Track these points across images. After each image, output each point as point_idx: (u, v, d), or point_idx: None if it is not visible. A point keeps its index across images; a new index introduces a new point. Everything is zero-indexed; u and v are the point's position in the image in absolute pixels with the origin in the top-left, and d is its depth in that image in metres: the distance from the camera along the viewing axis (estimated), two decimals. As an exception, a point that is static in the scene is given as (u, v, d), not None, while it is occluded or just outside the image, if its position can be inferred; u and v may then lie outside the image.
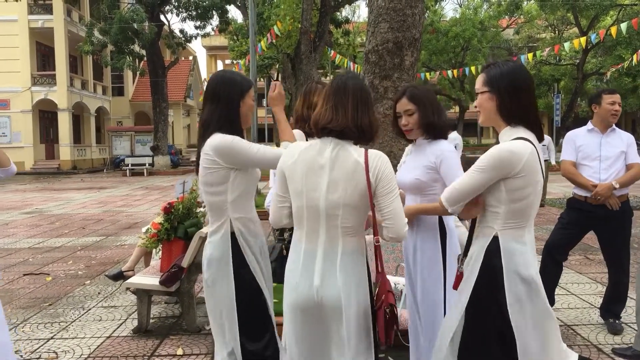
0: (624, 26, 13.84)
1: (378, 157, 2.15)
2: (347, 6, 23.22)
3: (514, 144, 2.16)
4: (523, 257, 2.19)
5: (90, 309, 5.10)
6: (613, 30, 14.41)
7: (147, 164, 26.89)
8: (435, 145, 2.79)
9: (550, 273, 4.38)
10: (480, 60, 32.31)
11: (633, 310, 4.57)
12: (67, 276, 6.42)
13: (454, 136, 12.15)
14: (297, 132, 3.26)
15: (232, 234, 2.57)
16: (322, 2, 16.33)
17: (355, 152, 2.14)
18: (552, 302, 4.44)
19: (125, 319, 4.79)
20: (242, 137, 2.63)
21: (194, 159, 24.73)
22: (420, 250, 2.80)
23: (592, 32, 24.77)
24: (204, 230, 4.34)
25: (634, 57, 16.73)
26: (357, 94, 2.20)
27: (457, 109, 37.50)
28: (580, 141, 4.31)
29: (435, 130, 2.82)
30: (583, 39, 15.49)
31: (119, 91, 37.31)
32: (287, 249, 2.99)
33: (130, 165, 26.61)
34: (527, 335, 2.17)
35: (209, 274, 2.62)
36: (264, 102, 41.05)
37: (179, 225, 4.53)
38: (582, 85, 29.49)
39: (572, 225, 4.36)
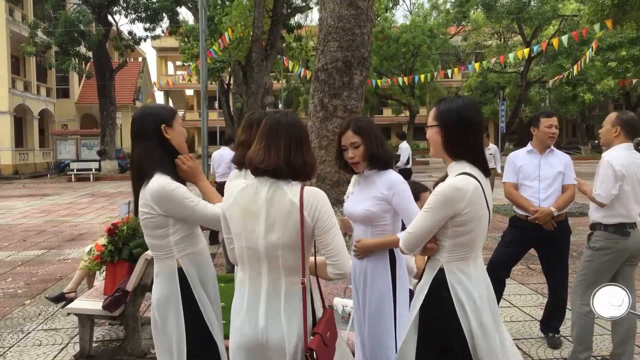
0: (564, 38, 14.40)
1: (313, 196, 2.14)
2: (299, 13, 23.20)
3: (457, 180, 2.21)
4: (468, 286, 2.24)
5: (29, 333, 4.91)
6: (555, 41, 14.96)
7: (93, 169, 26.13)
8: (385, 176, 2.82)
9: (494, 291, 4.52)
10: (430, 66, 32.92)
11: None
12: (5, 295, 6.16)
13: (405, 146, 12.40)
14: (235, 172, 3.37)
15: (180, 270, 2.51)
16: (273, 11, 16.28)
17: (290, 192, 2.14)
18: None
19: (67, 343, 4.64)
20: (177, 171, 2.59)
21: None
22: (370, 282, 2.83)
23: (535, 42, 25.65)
24: (150, 252, 4.24)
25: (575, 68, 17.40)
26: (290, 133, 2.19)
27: (407, 113, 38.09)
28: (520, 162, 4.47)
29: (380, 161, 2.85)
30: (526, 50, 16.02)
31: (64, 93, 36.13)
32: None
33: (75, 170, 25.79)
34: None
35: (159, 315, 2.53)
36: (215, 105, 40.54)
37: (124, 247, 4.42)
38: (526, 92, 30.43)
39: (515, 243, 4.51)
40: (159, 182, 2.42)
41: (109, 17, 26.42)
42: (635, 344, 3.87)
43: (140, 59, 43.63)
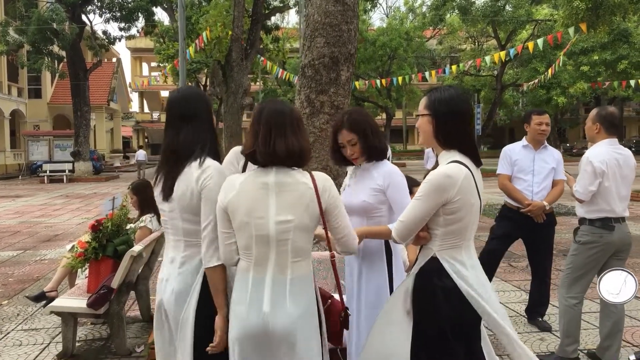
0: (540, 42, 14.65)
1: (325, 179, 2.20)
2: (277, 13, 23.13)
3: (448, 167, 2.23)
4: (463, 273, 2.25)
5: (8, 333, 4.77)
6: (530, 45, 15.20)
7: (67, 171, 25.64)
8: (381, 167, 2.82)
9: None
10: (406, 69, 33.19)
11: (556, 318, 4.83)
12: (-19, 296, 5.99)
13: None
14: (237, 149, 3.14)
15: None
16: (253, 10, 16.21)
17: (300, 175, 2.15)
18: None
19: (49, 343, 4.52)
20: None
21: (117, 164, 23.72)
22: (366, 275, 2.81)
23: (510, 45, 26.03)
24: (136, 248, 4.16)
25: (549, 71, 17.70)
26: (271, 119, 2.16)
27: (384, 115, 38.31)
28: (516, 156, 4.65)
29: (377, 152, 2.84)
30: (503, 53, 16.23)
31: (36, 93, 35.34)
32: None
33: (48, 171, 25.27)
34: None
35: (175, 306, 2.33)
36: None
37: (108, 244, 4.32)
38: (501, 95, 30.89)
39: (504, 236, 4.73)
40: (220, 168, 2.31)
41: (83, 16, 25.99)
42: (622, 337, 3.92)
43: (114, 60, 42.99)
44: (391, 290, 2.78)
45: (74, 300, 4.23)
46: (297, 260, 2.16)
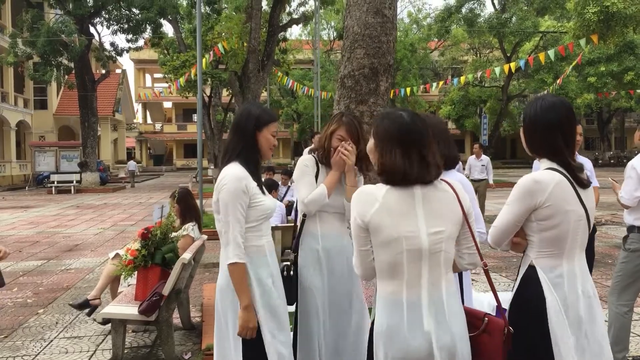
0: (551, 53, 14.76)
1: (460, 185, 2.14)
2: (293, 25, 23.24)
3: (539, 173, 2.23)
4: (554, 285, 2.19)
5: (52, 341, 4.80)
6: (541, 56, 15.33)
7: (74, 181, 25.67)
8: (451, 176, 2.84)
9: None
10: (411, 80, 33.37)
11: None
12: (15, 305, 6.01)
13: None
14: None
15: None
16: (270, 22, 16.36)
17: (439, 184, 2.08)
18: None
19: (94, 351, 4.54)
20: (256, 167, 2.63)
21: (122, 175, 23.94)
22: None
23: (515, 57, 26.20)
24: (186, 256, 4.22)
25: (557, 81, 17.83)
26: (429, 132, 2.08)
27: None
28: None
29: (447, 160, 2.88)
30: (513, 64, 16.35)
31: (41, 104, 35.47)
32: (289, 270, 2.94)
33: (56, 182, 25.30)
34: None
35: (219, 301, 2.61)
36: (194, 118, 39.91)
37: (157, 252, 4.37)
38: (507, 106, 31.01)
39: None
40: (230, 170, 2.54)
41: (91, 28, 26.16)
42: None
43: (117, 71, 43.12)
44: (462, 298, 2.79)
45: (124, 307, 4.26)
46: (448, 273, 2.06)
